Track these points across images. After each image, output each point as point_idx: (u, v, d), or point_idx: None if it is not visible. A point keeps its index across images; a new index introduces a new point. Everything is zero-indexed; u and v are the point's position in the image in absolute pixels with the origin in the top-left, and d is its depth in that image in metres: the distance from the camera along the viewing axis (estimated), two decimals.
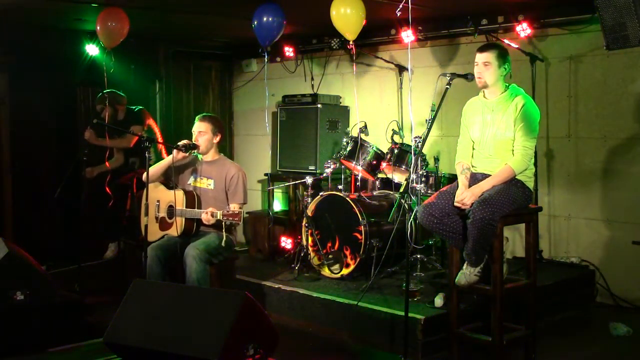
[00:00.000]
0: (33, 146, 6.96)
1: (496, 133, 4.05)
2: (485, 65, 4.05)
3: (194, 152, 4.86)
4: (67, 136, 7.11)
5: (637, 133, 5.32)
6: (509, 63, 4.09)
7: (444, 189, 4.19)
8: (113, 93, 6.32)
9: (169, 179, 4.86)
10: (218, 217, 4.45)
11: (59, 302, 4.64)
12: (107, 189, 6.02)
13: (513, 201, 3.93)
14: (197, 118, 4.91)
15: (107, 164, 6.25)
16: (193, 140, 4.82)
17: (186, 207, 4.68)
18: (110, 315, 3.70)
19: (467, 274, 4.00)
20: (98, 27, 5.60)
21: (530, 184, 4.09)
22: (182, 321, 3.47)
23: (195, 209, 4.66)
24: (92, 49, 5.84)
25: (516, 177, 3.99)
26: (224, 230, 4.49)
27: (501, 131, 4.03)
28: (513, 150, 4.00)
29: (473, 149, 4.20)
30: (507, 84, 4.12)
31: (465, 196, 3.95)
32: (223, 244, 4.53)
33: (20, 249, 4.71)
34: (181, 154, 4.76)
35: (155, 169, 4.80)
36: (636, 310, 5.23)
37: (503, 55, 4.06)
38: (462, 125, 4.28)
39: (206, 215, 4.49)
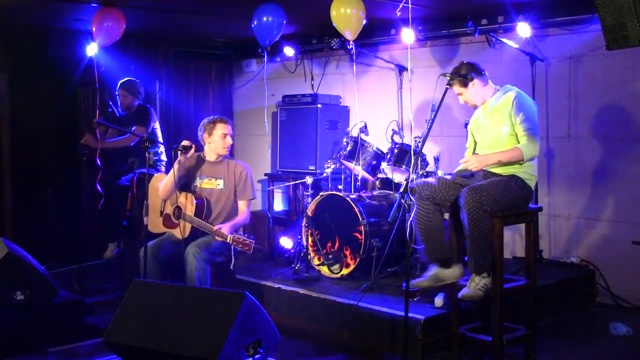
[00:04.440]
0: (33, 146, 6.96)
1: (495, 131, 4.10)
2: (460, 95, 4.24)
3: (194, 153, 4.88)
4: (67, 136, 7.11)
5: (637, 133, 5.32)
6: (476, 71, 4.14)
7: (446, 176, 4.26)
8: (133, 81, 6.38)
9: (180, 182, 4.86)
10: (227, 241, 4.45)
11: (59, 302, 4.65)
12: (98, 186, 6.01)
13: (506, 191, 3.93)
14: (222, 120, 4.90)
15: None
16: (224, 144, 4.84)
17: (195, 216, 4.69)
18: (110, 315, 3.70)
19: (472, 286, 3.87)
20: (94, 28, 5.62)
21: (531, 183, 4.09)
22: (182, 321, 3.47)
23: (206, 223, 4.65)
24: (91, 49, 5.85)
25: (516, 173, 4.00)
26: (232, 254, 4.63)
27: (498, 128, 4.08)
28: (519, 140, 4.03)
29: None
30: (498, 87, 4.20)
31: (471, 159, 4.00)
32: (232, 267, 4.66)
33: (20, 249, 4.71)
34: (188, 155, 4.77)
35: (167, 183, 4.79)
36: (636, 310, 5.23)
37: (465, 76, 4.11)
38: (468, 132, 4.39)
39: (217, 238, 4.54)
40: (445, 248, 4.09)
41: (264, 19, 5.50)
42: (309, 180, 5.63)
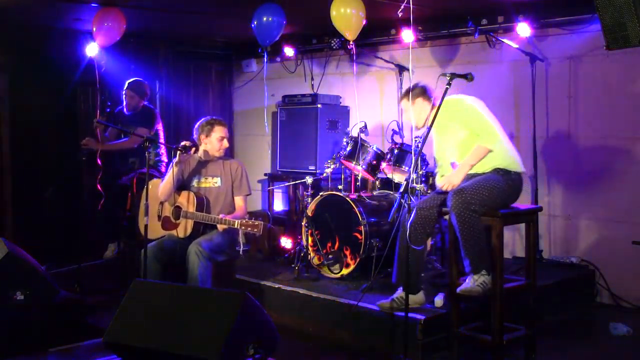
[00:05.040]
0: (33, 146, 6.96)
1: (454, 141, 4.17)
2: (405, 112, 4.38)
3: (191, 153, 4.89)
4: (67, 136, 7.10)
5: (637, 133, 5.32)
6: (427, 94, 4.24)
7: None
8: (140, 82, 6.37)
9: (178, 184, 4.85)
10: (235, 226, 4.47)
11: (59, 302, 4.65)
12: (98, 186, 6.01)
13: (491, 186, 3.94)
14: (220, 123, 4.91)
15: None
16: (220, 146, 4.86)
17: (196, 211, 4.70)
18: (110, 315, 3.70)
19: (470, 282, 3.92)
20: (94, 28, 5.62)
21: (515, 167, 4.10)
22: (182, 321, 3.47)
23: (210, 215, 4.68)
24: (91, 49, 5.85)
25: (496, 166, 4.03)
26: (240, 237, 4.66)
27: (456, 135, 4.14)
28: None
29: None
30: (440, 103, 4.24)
31: (444, 183, 4.08)
32: (241, 252, 4.74)
33: (20, 249, 4.71)
34: (185, 156, 4.77)
35: (166, 184, 4.80)
36: (636, 310, 5.23)
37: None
38: (435, 158, 4.45)
39: (221, 226, 4.56)
40: (412, 274, 4.12)
41: (264, 19, 5.50)
42: (309, 180, 5.62)
